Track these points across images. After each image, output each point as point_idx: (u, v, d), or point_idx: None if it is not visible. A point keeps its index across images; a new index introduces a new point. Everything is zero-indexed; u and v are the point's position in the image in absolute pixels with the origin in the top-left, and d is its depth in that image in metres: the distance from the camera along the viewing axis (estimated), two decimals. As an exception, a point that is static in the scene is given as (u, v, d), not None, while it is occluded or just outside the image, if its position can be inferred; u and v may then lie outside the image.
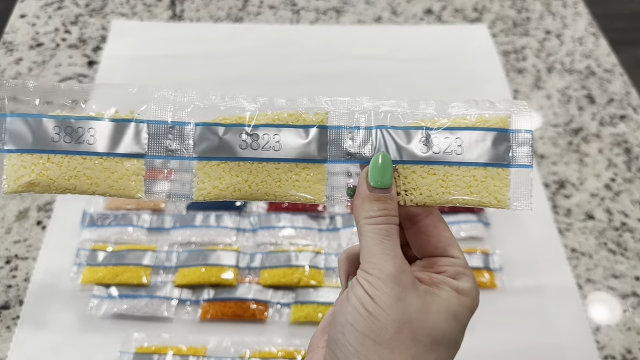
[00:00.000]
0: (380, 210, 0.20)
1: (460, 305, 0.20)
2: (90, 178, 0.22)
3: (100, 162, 0.22)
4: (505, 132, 0.22)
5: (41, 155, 0.22)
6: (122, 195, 0.22)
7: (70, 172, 0.22)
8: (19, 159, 0.22)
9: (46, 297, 0.39)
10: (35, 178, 0.22)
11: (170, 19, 0.61)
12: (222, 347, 0.36)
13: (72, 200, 0.44)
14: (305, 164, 0.22)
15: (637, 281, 0.42)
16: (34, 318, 0.38)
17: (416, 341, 0.19)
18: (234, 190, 0.22)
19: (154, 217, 0.43)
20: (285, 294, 0.39)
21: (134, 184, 0.22)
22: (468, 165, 0.22)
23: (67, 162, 0.22)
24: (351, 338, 0.18)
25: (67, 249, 0.41)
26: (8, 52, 0.56)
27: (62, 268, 0.40)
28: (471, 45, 0.59)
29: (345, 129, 0.22)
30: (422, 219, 0.22)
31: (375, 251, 0.20)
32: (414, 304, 0.19)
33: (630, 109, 0.54)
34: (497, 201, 0.22)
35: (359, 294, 0.19)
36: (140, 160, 0.22)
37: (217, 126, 0.22)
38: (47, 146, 0.22)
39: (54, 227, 0.43)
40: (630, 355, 0.38)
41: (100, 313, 0.38)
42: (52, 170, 0.22)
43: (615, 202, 0.47)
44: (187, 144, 0.22)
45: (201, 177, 0.22)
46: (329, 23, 0.61)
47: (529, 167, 0.23)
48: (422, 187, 0.22)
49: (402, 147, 0.22)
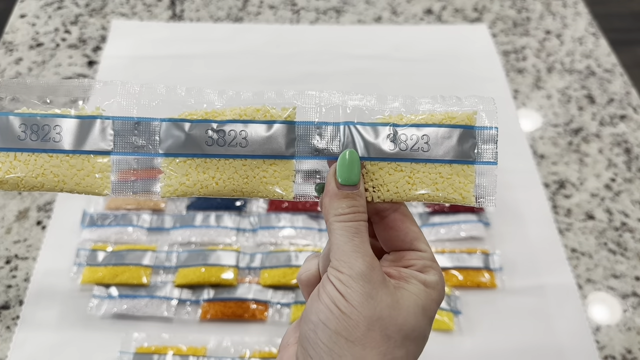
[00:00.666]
0: (349, 207, 0.20)
1: (428, 299, 0.20)
2: (57, 176, 0.22)
3: (67, 160, 0.22)
4: (471, 129, 0.22)
5: (8, 153, 0.22)
6: (89, 193, 0.22)
7: (37, 170, 0.22)
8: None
9: (46, 297, 0.39)
10: (2, 176, 0.22)
11: (170, 19, 0.61)
12: (222, 347, 0.36)
13: (72, 200, 0.44)
14: (273, 160, 0.22)
15: (637, 281, 0.42)
16: (34, 318, 0.38)
17: (387, 337, 0.19)
18: (201, 187, 0.22)
19: (154, 217, 0.43)
20: (285, 294, 0.39)
21: (100, 181, 0.22)
22: (434, 162, 0.22)
23: (34, 160, 0.22)
24: (323, 336, 0.19)
25: (67, 249, 0.41)
26: (8, 52, 0.56)
27: (62, 268, 0.40)
28: (471, 45, 0.59)
29: (313, 125, 0.22)
30: (389, 213, 0.22)
31: (345, 249, 0.20)
32: (385, 301, 0.19)
33: (630, 109, 0.54)
34: (462, 197, 0.22)
35: (330, 292, 0.19)
36: (107, 157, 0.22)
37: (183, 122, 0.22)
38: (14, 144, 0.22)
39: (54, 227, 0.43)
40: (631, 355, 0.38)
41: (100, 313, 0.38)
42: (19, 169, 0.22)
43: (615, 202, 0.47)
44: (154, 140, 0.22)
45: (168, 173, 0.22)
46: (329, 23, 0.61)
47: (493, 164, 0.23)
48: (390, 184, 0.22)
49: (370, 144, 0.22)
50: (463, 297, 0.39)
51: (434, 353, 0.37)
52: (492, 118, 0.23)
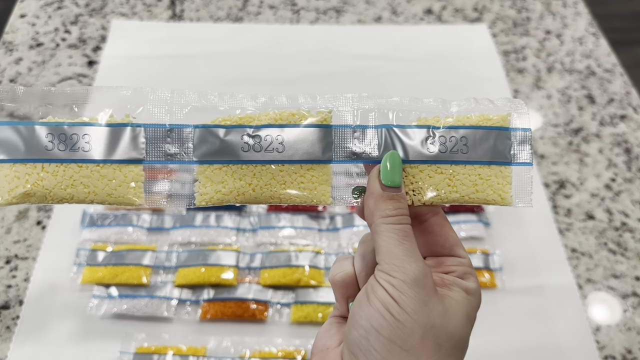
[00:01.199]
0: (396, 209, 0.20)
1: (470, 306, 0.20)
2: (87, 187, 0.21)
3: (97, 170, 0.21)
4: (506, 130, 0.22)
5: (35, 164, 0.21)
6: (122, 203, 0.21)
7: (66, 181, 0.21)
8: (12, 169, 0.21)
9: (46, 297, 0.39)
10: (30, 189, 0.21)
11: (170, 19, 0.61)
12: (222, 347, 0.36)
13: (72, 200, 0.44)
14: (310, 165, 0.22)
15: (637, 281, 0.42)
16: (34, 318, 0.38)
17: (439, 346, 0.19)
18: (238, 194, 0.21)
19: (153, 217, 0.43)
20: (285, 294, 0.39)
21: (133, 191, 0.21)
22: (474, 164, 0.22)
23: (62, 171, 0.21)
24: (376, 344, 0.18)
25: (67, 249, 0.41)
26: (8, 52, 0.56)
27: (62, 268, 0.40)
28: (471, 45, 0.59)
29: (349, 128, 0.22)
30: (428, 218, 0.22)
31: (396, 253, 0.19)
32: (437, 308, 0.19)
33: (631, 109, 0.54)
34: (501, 199, 0.22)
35: (382, 297, 0.19)
36: (139, 166, 0.21)
37: (217, 128, 0.21)
38: (41, 155, 0.21)
39: (54, 227, 0.43)
40: (631, 355, 0.38)
41: (100, 313, 0.38)
42: (48, 180, 0.21)
43: (615, 202, 0.47)
44: (187, 147, 0.21)
45: (203, 181, 0.22)
46: (329, 23, 0.61)
47: (529, 164, 0.23)
48: (431, 187, 0.22)
49: (409, 146, 0.22)
50: (463, 297, 0.39)
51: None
52: (525, 119, 0.23)
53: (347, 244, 0.42)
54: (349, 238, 0.42)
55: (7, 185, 0.21)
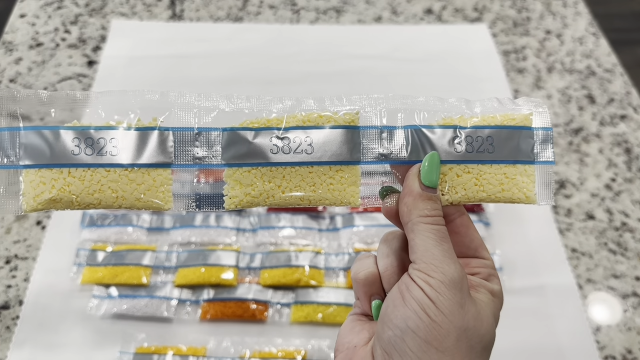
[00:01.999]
0: (434, 209, 0.20)
1: (495, 308, 0.21)
2: (115, 191, 0.21)
3: (126, 174, 0.21)
4: (529, 129, 0.23)
5: (61, 169, 0.20)
6: (150, 208, 0.21)
7: (94, 186, 0.21)
8: (37, 174, 0.20)
9: (46, 297, 0.39)
10: (56, 194, 0.20)
11: (170, 19, 0.60)
12: (222, 347, 0.36)
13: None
14: (339, 167, 0.22)
15: (637, 281, 0.42)
16: (34, 318, 0.38)
17: (471, 348, 0.19)
18: (267, 196, 0.21)
19: (153, 217, 0.43)
20: (285, 294, 0.39)
21: (162, 195, 0.21)
22: (499, 163, 0.22)
23: (89, 176, 0.21)
24: (412, 344, 0.18)
25: (66, 249, 0.41)
26: (8, 52, 0.56)
27: (61, 268, 0.40)
28: (471, 45, 0.59)
29: (376, 129, 0.22)
30: (454, 219, 0.22)
31: (435, 253, 0.19)
32: (471, 310, 0.19)
33: (631, 109, 0.54)
34: (526, 197, 0.23)
35: (419, 297, 0.19)
36: (167, 169, 0.21)
37: (245, 130, 0.21)
38: (67, 160, 0.20)
39: (54, 227, 0.43)
40: (631, 355, 0.38)
41: (100, 313, 0.38)
42: (75, 185, 0.20)
43: (615, 202, 0.47)
44: (215, 150, 0.21)
45: (232, 184, 0.21)
46: (329, 23, 0.61)
47: (551, 163, 0.23)
48: (458, 186, 0.22)
49: (437, 146, 0.22)
50: (463, 297, 0.39)
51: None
52: (545, 118, 0.23)
53: (347, 244, 0.42)
54: (348, 238, 0.42)
55: (33, 191, 0.20)
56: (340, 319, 0.38)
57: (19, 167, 0.21)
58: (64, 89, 0.53)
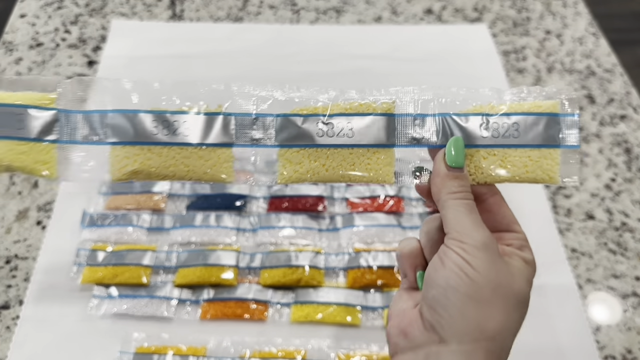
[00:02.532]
0: (460, 186, 0.23)
1: (529, 273, 0.23)
2: (187, 166, 0.25)
3: (196, 152, 0.24)
4: (556, 116, 0.25)
5: (142, 147, 0.24)
6: (215, 180, 0.25)
7: (169, 161, 0.24)
8: (122, 150, 0.24)
9: (46, 297, 0.39)
10: (138, 167, 0.24)
11: (170, 19, 0.61)
12: (222, 347, 0.36)
13: (72, 200, 0.44)
14: (376, 149, 0.25)
15: (637, 281, 0.42)
16: (34, 318, 0.38)
17: (507, 301, 0.22)
18: (313, 173, 0.25)
19: (153, 217, 0.43)
20: (285, 294, 0.39)
21: (225, 169, 0.25)
22: (524, 147, 0.25)
23: (166, 152, 0.24)
24: (454, 299, 0.21)
25: (67, 249, 0.41)
26: (8, 52, 0.56)
27: (62, 268, 0.40)
28: (471, 45, 0.59)
29: (410, 117, 0.25)
30: (487, 197, 0.25)
31: (465, 222, 0.22)
32: (503, 270, 0.22)
33: (631, 109, 0.54)
34: (549, 178, 0.25)
35: (456, 260, 0.22)
36: (230, 148, 0.25)
37: (295, 117, 0.25)
38: (148, 139, 0.24)
39: (54, 227, 0.43)
40: (631, 355, 0.38)
41: (100, 313, 0.38)
42: (154, 160, 0.24)
43: (615, 202, 0.47)
44: (270, 133, 0.25)
45: (283, 162, 0.25)
46: (329, 23, 0.61)
47: (577, 147, 0.25)
48: (484, 167, 0.25)
49: (466, 131, 0.24)
50: (463, 297, 0.39)
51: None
52: (574, 106, 0.25)
53: (347, 243, 0.42)
54: (349, 238, 0.42)
55: (118, 164, 0.24)
56: (340, 318, 0.38)
57: (107, 143, 0.24)
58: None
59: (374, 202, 0.44)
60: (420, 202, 0.45)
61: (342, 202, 0.45)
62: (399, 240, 0.42)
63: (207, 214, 0.43)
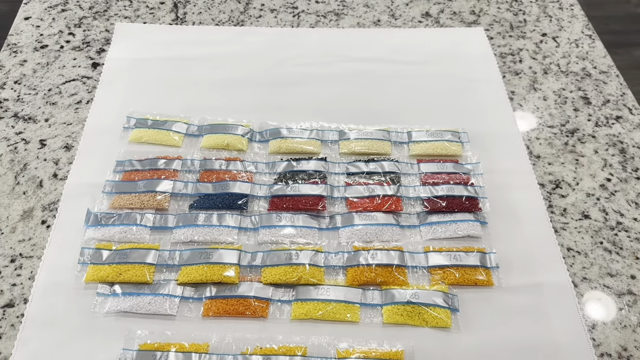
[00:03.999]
0: None
1: None
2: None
3: None
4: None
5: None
6: None
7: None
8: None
9: (50, 295, 0.39)
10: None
11: (172, 22, 0.61)
12: (224, 344, 0.37)
13: (77, 199, 0.45)
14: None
15: (632, 280, 0.43)
16: (39, 316, 0.38)
17: None
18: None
19: (157, 216, 0.44)
20: (285, 291, 0.40)
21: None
22: None
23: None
24: None
25: (71, 247, 0.42)
26: (12, 54, 0.57)
27: (66, 266, 0.41)
28: (469, 47, 0.60)
29: None
30: None
31: None
32: None
33: (626, 110, 0.55)
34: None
35: None
36: None
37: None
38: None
39: (59, 226, 0.43)
40: (626, 352, 0.39)
41: (104, 311, 0.38)
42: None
43: (610, 201, 0.47)
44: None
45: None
46: (329, 26, 0.62)
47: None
48: None
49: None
50: (460, 294, 0.40)
51: (432, 349, 0.37)
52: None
53: (347, 242, 0.43)
54: (348, 237, 0.43)
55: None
56: (340, 315, 0.38)
57: None
58: (67, 91, 0.54)
59: (372, 202, 0.45)
60: (418, 201, 0.46)
61: (341, 202, 0.45)
62: (397, 238, 0.43)
63: (209, 213, 0.44)
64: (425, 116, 0.52)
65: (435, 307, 0.39)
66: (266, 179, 0.47)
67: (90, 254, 0.41)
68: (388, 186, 0.46)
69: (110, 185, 0.45)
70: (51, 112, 0.52)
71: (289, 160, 0.48)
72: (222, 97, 0.54)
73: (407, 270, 0.41)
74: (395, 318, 0.38)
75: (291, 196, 0.45)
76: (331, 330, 0.38)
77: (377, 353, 0.36)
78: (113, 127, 0.50)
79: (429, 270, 0.41)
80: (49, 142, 0.50)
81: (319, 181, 0.46)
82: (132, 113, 0.51)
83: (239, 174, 0.46)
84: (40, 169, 0.48)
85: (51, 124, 0.51)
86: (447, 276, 0.41)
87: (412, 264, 0.41)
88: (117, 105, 0.52)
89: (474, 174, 0.47)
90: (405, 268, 0.41)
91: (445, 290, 0.40)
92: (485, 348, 0.38)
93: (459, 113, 0.52)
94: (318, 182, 0.46)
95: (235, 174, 0.46)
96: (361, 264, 0.41)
